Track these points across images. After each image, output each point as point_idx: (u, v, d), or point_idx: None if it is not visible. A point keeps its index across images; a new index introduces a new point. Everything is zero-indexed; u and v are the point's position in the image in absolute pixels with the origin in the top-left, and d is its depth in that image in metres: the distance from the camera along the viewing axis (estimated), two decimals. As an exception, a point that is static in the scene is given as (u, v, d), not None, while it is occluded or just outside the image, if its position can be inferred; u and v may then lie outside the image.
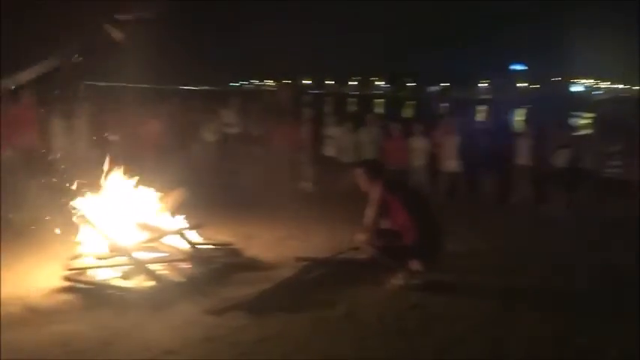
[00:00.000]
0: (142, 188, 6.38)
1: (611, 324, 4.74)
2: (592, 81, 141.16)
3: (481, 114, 17.20)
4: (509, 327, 4.65)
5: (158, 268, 5.54)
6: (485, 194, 10.17)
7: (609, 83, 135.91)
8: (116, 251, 5.58)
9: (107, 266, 5.53)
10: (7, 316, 4.64)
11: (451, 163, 10.22)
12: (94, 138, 9.92)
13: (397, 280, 5.42)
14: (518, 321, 4.77)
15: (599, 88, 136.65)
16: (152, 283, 5.27)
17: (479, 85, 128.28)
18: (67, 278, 5.44)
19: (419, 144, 10.47)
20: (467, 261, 6.27)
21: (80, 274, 5.52)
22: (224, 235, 6.93)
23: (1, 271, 5.63)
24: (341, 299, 5.06)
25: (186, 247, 6.03)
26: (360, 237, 5.65)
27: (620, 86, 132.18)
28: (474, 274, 5.93)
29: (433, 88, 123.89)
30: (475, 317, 4.79)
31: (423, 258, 5.44)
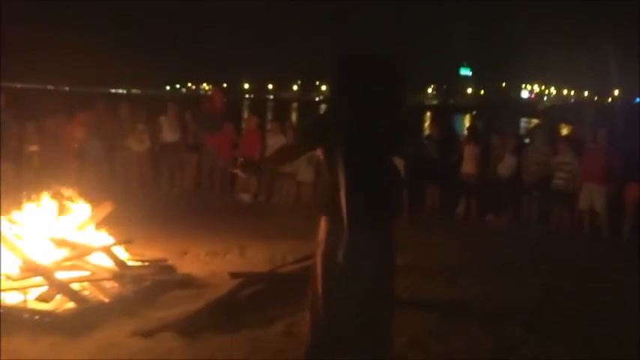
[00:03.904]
0: (63, 201, 6.21)
1: (556, 336, 4.93)
2: (541, 87, 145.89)
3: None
4: (451, 340, 4.76)
5: (79, 289, 5.37)
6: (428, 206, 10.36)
7: (567, 89, 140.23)
8: (30, 271, 5.37)
9: (20, 288, 5.25)
10: None
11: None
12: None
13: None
14: (461, 333, 4.90)
15: (548, 94, 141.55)
16: (72, 304, 5.09)
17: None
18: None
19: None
20: (407, 275, 6.29)
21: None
22: (155, 251, 6.78)
23: None
24: (278, 317, 5.00)
25: (113, 264, 5.90)
26: None
27: (572, 92, 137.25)
28: (414, 288, 6.05)
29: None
30: (417, 331, 4.86)
31: None
